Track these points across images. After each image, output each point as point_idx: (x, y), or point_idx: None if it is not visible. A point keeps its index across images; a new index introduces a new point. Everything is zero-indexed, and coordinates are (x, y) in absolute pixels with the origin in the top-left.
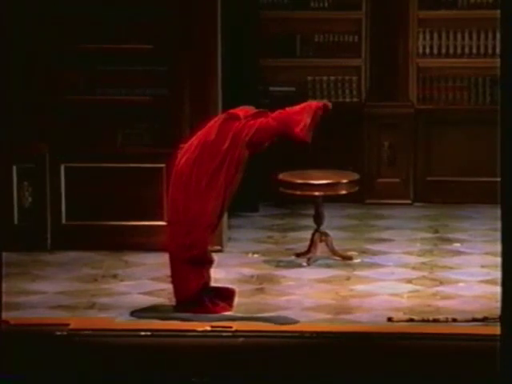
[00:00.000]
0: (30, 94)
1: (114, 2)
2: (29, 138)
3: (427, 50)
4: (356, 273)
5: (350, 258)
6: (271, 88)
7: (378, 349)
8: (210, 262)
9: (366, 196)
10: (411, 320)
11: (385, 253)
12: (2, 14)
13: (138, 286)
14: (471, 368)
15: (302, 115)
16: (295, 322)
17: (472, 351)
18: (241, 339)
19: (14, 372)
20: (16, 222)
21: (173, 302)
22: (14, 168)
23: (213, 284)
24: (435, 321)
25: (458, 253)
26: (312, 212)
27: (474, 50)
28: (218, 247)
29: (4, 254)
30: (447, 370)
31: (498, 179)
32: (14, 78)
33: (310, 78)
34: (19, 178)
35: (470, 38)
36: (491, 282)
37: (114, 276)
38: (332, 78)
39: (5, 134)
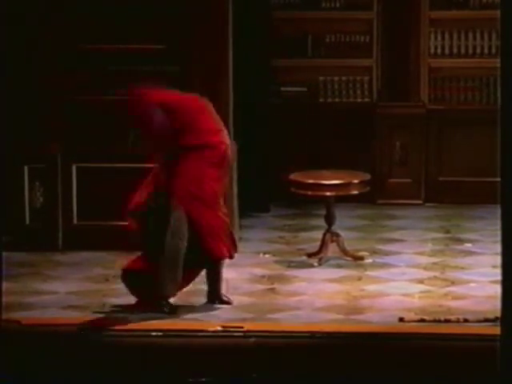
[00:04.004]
0: (42, 95)
1: (127, 1)
2: (40, 139)
3: (439, 50)
4: (367, 273)
5: (362, 259)
6: (283, 88)
7: (390, 349)
8: None
9: (378, 196)
10: (423, 320)
11: (396, 253)
12: (16, 13)
13: None
14: (483, 368)
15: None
16: None
17: (482, 351)
18: (252, 339)
19: (26, 372)
20: (27, 222)
21: (183, 301)
22: (26, 168)
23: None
24: (447, 321)
25: (470, 253)
26: (323, 212)
27: (486, 50)
28: None
29: (15, 254)
30: (459, 370)
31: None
32: (26, 79)
33: (321, 78)
34: (31, 178)
35: (482, 37)
36: None
37: None
38: (343, 78)
39: (16, 134)
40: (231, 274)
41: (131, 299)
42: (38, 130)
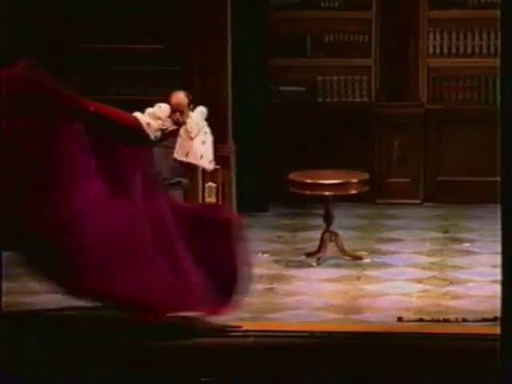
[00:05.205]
0: None
1: (126, 1)
2: None
3: (437, 50)
4: (366, 273)
5: (360, 258)
6: (282, 88)
7: (388, 349)
8: None
9: (376, 196)
10: (421, 320)
11: (395, 253)
12: (15, 12)
13: None
14: (482, 368)
15: None
16: None
17: (481, 351)
18: (251, 339)
19: (26, 370)
20: None
21: None
22: None
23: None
24: (445, 321)
25: (468, 252)
26: (322, 212)
27: (485, 50)
28: None
29: (14, 253)
30: (457, 370)
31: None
32: None
33: (320, 77)
34: None
35: (481, 37)
36: None
37: None
38: (342, 77)
39: None
40: None
41: None
42: None
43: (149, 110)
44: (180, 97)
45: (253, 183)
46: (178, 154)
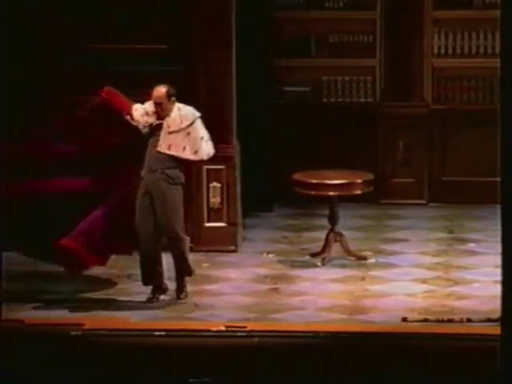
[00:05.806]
0: (44, 94)
1: (129, 2)
2: None
3: (442, 50)
4: (371, 273)
5: (365, 258)
6: (286, 88)
7: (393, 349)
8: None
9: (381, 196)
10: (426, 320)
11: (399, 253)
12: (17, 13)
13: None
14: (486, 368)
15: None
16: None
17: (485, 351)
18: (255, 339)
19: (26, 372)
20: None
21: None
22: None
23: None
24: (450, 321)
25: (473, 253)
26: (327, 212)
27: (489, 50)
28: (233, 247)
29: (16, 254)
30: (462, 370)
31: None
32: (28, 78)
33: (324, 78)
34: None
35: (485, 37)
36: None
37: (129, 276)
38: (347, 78)
39: (16, 134)
40: (234, 273)
41: (135, 299)
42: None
43: (146, 104)
44: (159, 91)
45: (257, 183)
46: (162, 147)
